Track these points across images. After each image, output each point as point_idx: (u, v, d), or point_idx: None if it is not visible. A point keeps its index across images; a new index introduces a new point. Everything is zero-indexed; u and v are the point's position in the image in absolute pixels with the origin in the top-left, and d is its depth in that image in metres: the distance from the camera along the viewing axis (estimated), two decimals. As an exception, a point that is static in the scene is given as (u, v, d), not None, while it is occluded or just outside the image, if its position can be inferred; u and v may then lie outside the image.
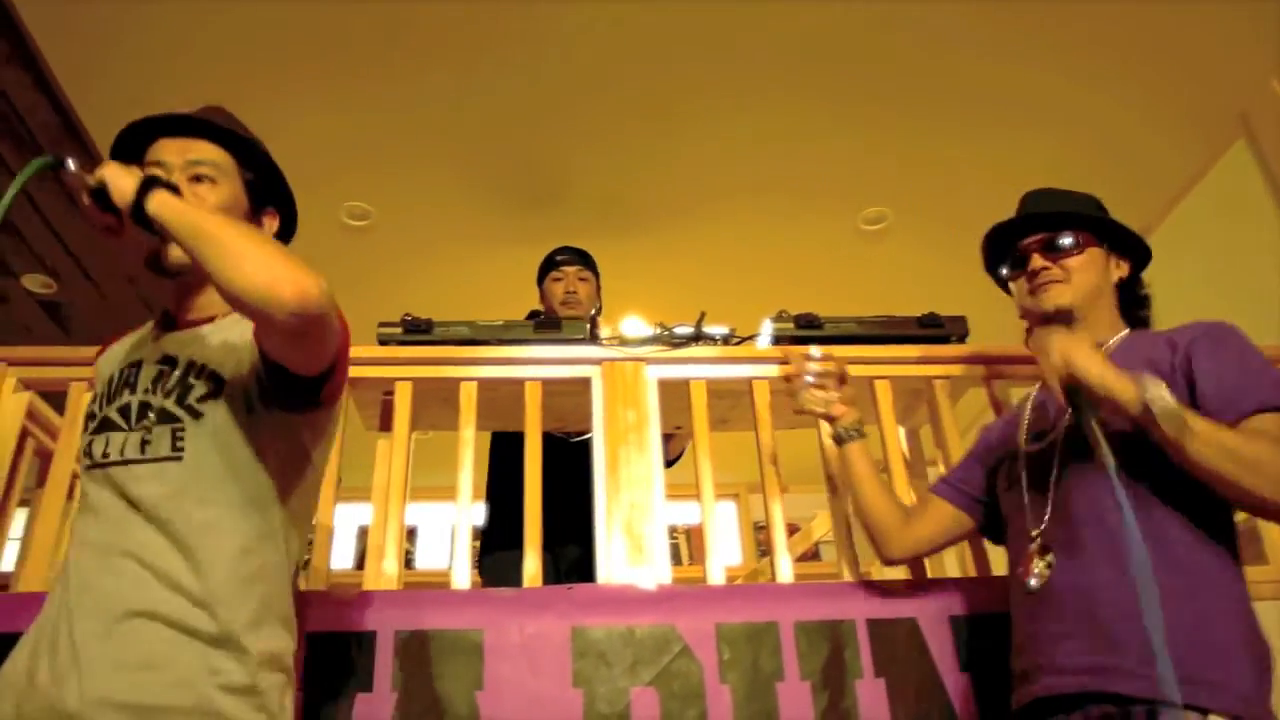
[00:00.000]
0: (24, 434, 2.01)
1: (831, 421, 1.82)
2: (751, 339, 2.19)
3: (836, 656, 1.70)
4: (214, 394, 1.24)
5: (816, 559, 4.92)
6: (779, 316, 2.19)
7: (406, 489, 1.94)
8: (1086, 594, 1.33)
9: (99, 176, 1.18)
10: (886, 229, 4.01)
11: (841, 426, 1.79)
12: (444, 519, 5.35)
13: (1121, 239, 1.59)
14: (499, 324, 2.16)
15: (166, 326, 1.37)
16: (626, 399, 2.02)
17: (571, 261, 2.94)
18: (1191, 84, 3.27)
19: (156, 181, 1.19)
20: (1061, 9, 2.99)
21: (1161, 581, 1.15)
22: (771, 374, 2.08)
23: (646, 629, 1.71)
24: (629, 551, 1.85)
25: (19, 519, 2.07)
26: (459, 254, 4.04)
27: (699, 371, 2.09)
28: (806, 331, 2.16)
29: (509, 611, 1.71)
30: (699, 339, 2.15)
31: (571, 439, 2.46)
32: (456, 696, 1.62)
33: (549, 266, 2.97)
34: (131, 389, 1.28)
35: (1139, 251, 1.61)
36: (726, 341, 2.18)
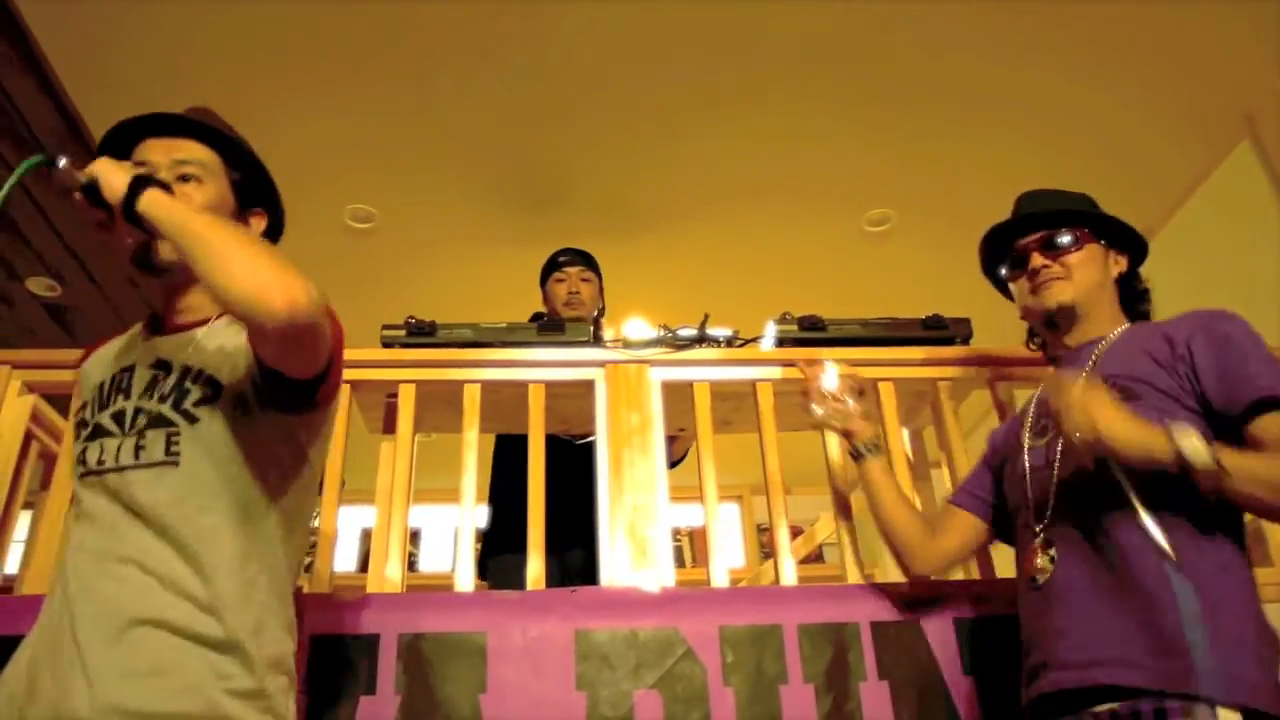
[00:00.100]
0: (28, 437, 2.01)
1: (848, 437, 1.78)
2: (755, 341, 2.19)
3: (840, 659, 1.70)
4: (210, 399, 1.24)
5: (820, 561, 4.91)
6: (783, 318, 2.19)
7: (410, 491, 1.93)
8: (1088, 588, 1.32)
9: (90, 173, 1.18)
10: (890, 230, 4.00)
11: (859, 442, 1.76)
12: (447, 521, 5.35)
13: (1118, 234, 1.60)
14: (502, 326, 2.16)
15: (155, 330, 1.35)
16: (630, 401, 2.02)
17: (574, 262, 2.94)
18: (1195, 85, 3.26)
19: (149, 179, 1.18)
20: (1065, 9, 2.98)
21: (1171, 576, 1.15)
22: (775, 376, 2.08)
23: (650, 632, 1.70)
24: (632, 554, 1.85)
25: (23, 521, 2.07)
26: (462, 256, 4.04)
27: (702, 374, 2.08)
28: (810, 333, 2.16)
29: (512, 614, 1.71)
30: (702, 341, 2.14)
31: (576, 441, 2.46)
32: (459, 699, 1.62)
33: (552, 268, 2.96)
34: (125, 394, 1.26)
35: (1136, 246, 1.61)
36: (730, 343, 2.18)
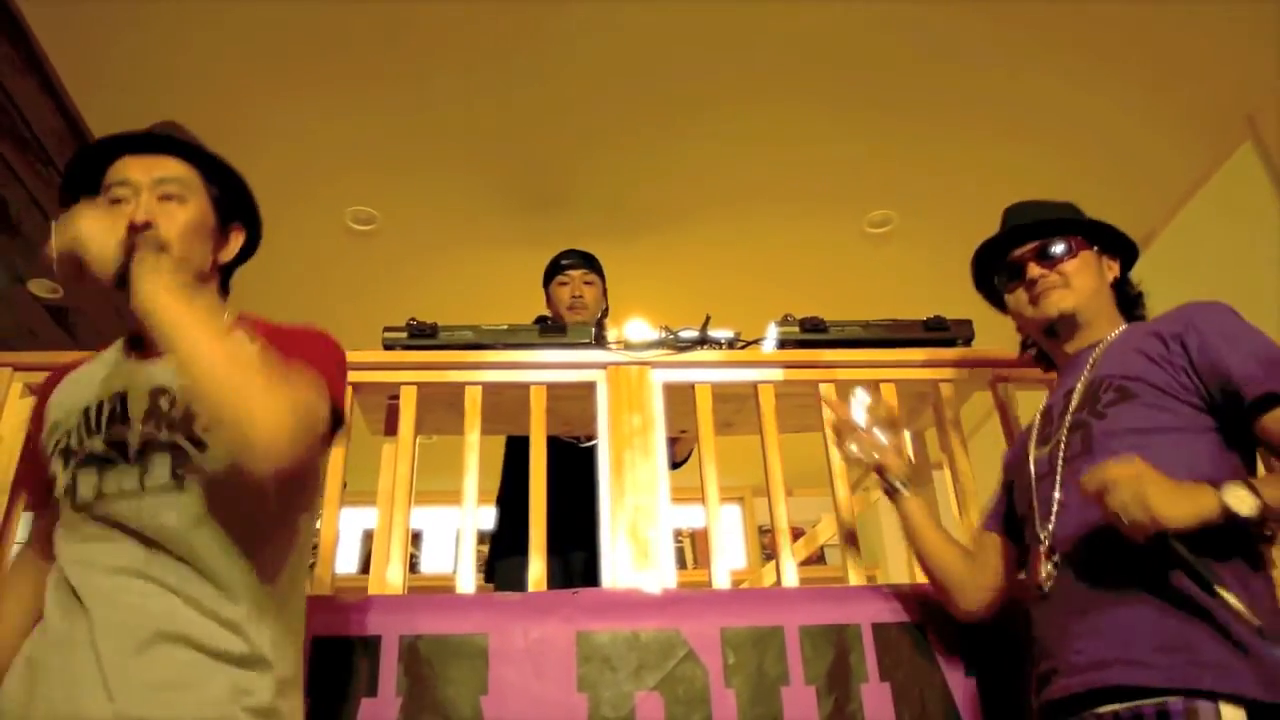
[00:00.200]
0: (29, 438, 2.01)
1: (880, 473, 1.72)
2: (757, 342, 2.19)
3: (842, 661, 1.70)
4: None
5: (821, 563, 4.91)
6: (784, 320, 2.19)
7: (411, 493, 1.94)
8: (1092, 592, 1.32)
9: (69, 241, 1.10)
10: (891, 232, 4.00)
11: (892, 477, 1.70)
12: (449, 523, 5.35)
13: (1109, 239, 1.61)
14: (504, 328, 2.16)
15: (140, 351, 1.30)
16: (631, 403, 2.02)
17: (577, 265, 2.94)
18: (1197, 86, 3.26)
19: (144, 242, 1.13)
20: (1066, 11, 2.98)
21: (1172, 573, 1.16)
22: (777, 378, 2.08)
23: (651, 633, 1.70)
24: (634, 555, 1.85)
25: (24, 524, 2.07)
26: (464, 257, 4.04)
27: (704, 375, 2.08)
28: (812, 335, 2.16)
29: (513, 616, 1.71)
30: (704, 342, 2.15)
31: (582, 444, 2.46)
32: (461, 701, 1.62)
33: (554, 271, 2.96)
34: (122, 420, 1.22)
35: (1126, 250, 1.63)
36: (732, 345, 2.18)
